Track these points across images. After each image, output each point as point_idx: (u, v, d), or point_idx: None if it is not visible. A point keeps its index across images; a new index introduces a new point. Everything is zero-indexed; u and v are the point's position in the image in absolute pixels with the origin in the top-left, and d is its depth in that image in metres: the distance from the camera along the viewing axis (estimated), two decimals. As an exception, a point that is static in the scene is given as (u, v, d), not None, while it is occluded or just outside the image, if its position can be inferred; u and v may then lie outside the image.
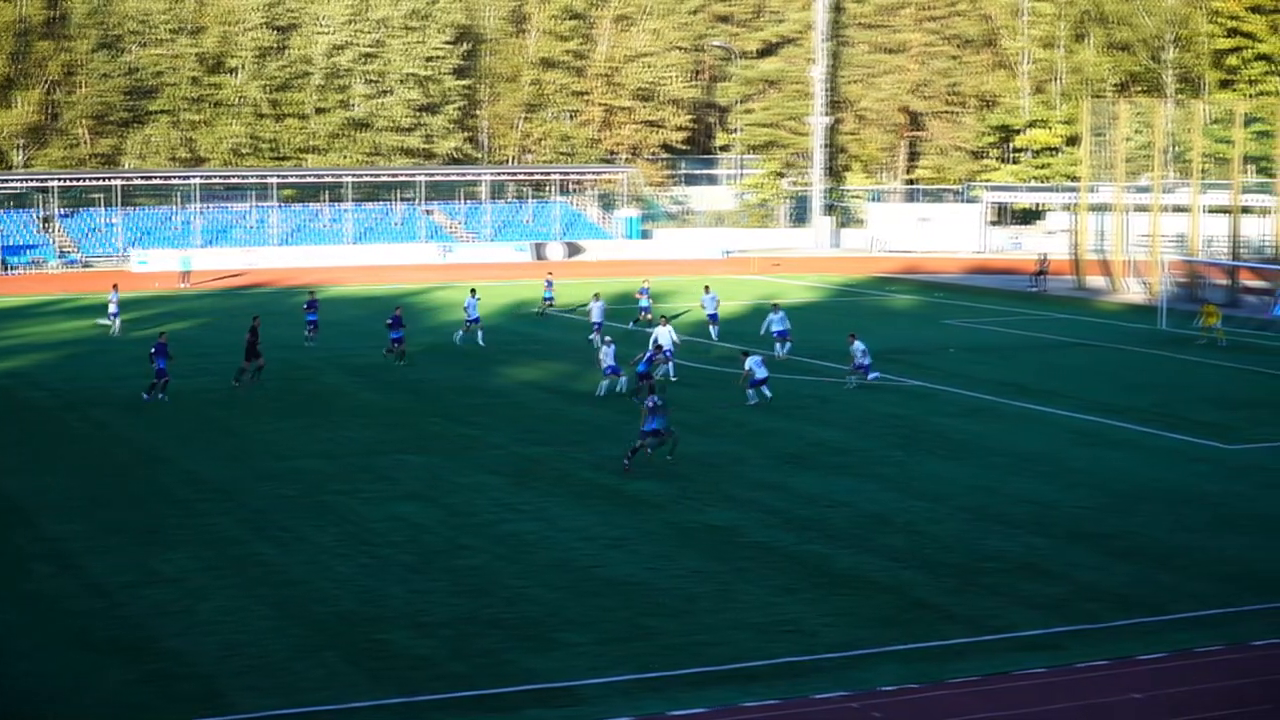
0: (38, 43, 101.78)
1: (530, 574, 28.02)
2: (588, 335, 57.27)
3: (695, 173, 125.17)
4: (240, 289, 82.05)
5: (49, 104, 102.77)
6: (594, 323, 57.41)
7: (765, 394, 44.82)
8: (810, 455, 38.66)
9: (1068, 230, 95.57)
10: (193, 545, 29.88)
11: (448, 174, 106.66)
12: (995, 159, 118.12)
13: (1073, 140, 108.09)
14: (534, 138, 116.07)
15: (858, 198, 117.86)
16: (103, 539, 30.42)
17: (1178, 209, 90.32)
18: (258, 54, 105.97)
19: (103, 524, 31.55)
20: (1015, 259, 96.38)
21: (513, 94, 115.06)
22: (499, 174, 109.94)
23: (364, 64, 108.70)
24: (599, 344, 54.52)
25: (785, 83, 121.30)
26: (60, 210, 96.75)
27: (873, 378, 48.32)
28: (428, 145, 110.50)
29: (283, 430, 41.91)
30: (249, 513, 32.63)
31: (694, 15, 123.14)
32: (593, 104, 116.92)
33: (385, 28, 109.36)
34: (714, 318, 59.64)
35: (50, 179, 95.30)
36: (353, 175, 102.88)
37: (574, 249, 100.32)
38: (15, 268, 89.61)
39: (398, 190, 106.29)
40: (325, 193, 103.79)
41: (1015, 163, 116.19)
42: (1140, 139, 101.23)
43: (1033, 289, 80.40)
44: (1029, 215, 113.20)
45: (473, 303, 58.20)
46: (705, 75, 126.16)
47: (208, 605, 26.10)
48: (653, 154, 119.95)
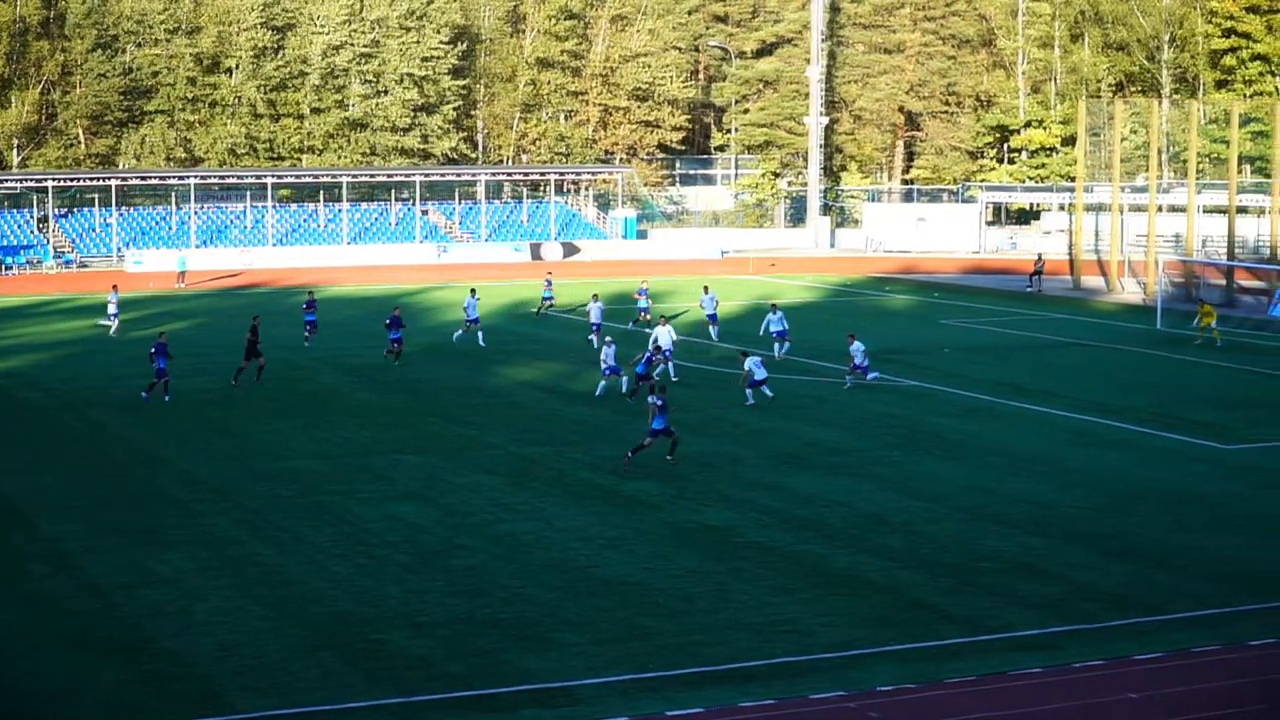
0: (34, 42, 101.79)
1: (527, 574, 28.01)
2: (587, 336, 57.23)
3: (692, 173, 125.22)
4: (236, 289, 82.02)
5: (45, 104, 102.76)
6: (593, 324, 57.38)
7: (766, 394, 44.82)
8: (807, 455, 38.65)
9: (1064, 230, 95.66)
10: (190, 545, 29.86)
11: (444, 174, 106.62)
12: (992, 159, 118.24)
13: (1069, 140, 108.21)
14: (530, 138, 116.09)
15: (854, 198, 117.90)
16: (100, 539, 30.40)
17: (1174, 209, 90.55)
18: (254, 54, 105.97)
19: (100, 524, 31.53)
20: (1012, 259, 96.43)
21: (509, 94, 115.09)
22: (495, 174, 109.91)
23: (361, 64, 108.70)
24: (597, 344, 54.57)
25: (782, 83, 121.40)
26: (56, 210, 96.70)
27: (872, 378, 48.31)
28: (424, 145, 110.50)
29: (280, 430, 41.89)
30: (246, 513, 32.61)
31: (691, 15, 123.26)
32: (589, 104, 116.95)
33: (382, 28, 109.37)
34: (713, 318, 59.62)
35: (46, 179, 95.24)
36: (349, 175, 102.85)
37: (570, 249, 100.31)
38: (11, 268, 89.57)
39: (394, 190, 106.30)
40: (322, 193, 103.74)
41: (1012, 163, 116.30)
42: (1137, 139, 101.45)
43: (1029, 289, 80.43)
44: (1026, 215, 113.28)
45: (472, 303, 58.16)
46: (702, 75, 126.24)
47: (205, 605, 26.08)
48: (649, 154, 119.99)
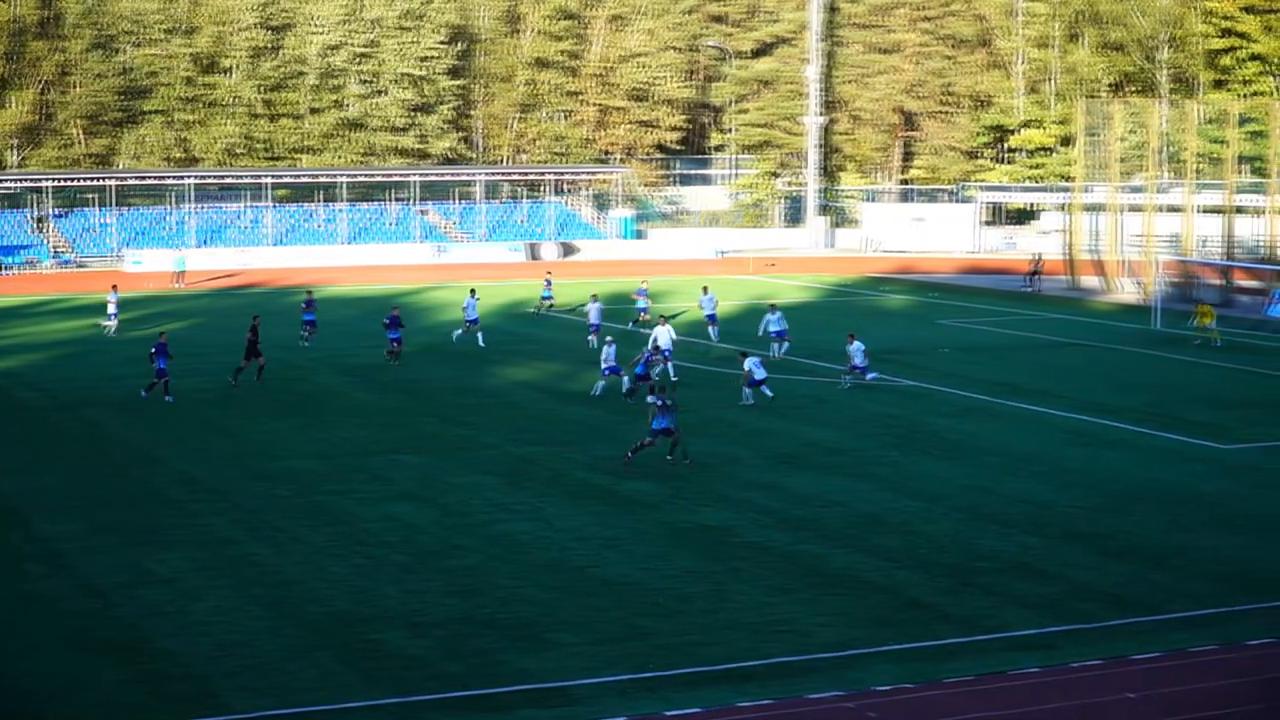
0: (32, 42, 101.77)
1: (524, 574, 28.00)
2: (585, 336, 57.18)
3: (689, 173, 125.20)
4: (234, 289, 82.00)
5: (43, 104, 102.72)
6: (591, 324, 57.35)
7: (766, 394, 44.83)
8: (805, 455, 38.65)
9: (1062, 230, 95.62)
10: (187, 545, 29.84)
11: (442, 174, 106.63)
12: (989, 159, 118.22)
13: (1067, 140, 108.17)
14: (528, 138, 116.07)
15: (852, 198, 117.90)
16: (97, 539, 30.38)
17: (1172, 209, 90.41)
18: (252, 54, 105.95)
19: (97, 524, 31.51)
20: (1009, 259, 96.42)
21: (507, 94, 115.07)
22: (493, 174, 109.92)
23: (358, 64, 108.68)
24: (596, 345, 54.56)
25: (779, 83, 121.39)
26: (54, 210, 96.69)
27: (871, 378, 48.31)
28: (422, 145, 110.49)
29: (277, 430, 41.87)
30: (243, 513, 32.60)
31: (688, 15, 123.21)
32: (587, 104, 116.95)
33: (379, 28, 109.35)
34: (713, 318, 59.59)
35: (44, 179, 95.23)
36: (347, 175, 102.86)
37: (568, 249, 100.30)
38: (9, 268, 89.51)
39: (392, 190, 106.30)
40: (319, 193, 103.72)
41: (1009, 163, 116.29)
42: (1134, 139, 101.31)
43: (1027, 289, 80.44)
44: (1023, 215, 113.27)
45: (472, 303, 58.13)
46: (700, 75, 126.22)
47: (202, 605, 26.06)
48: (647, 154, 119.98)
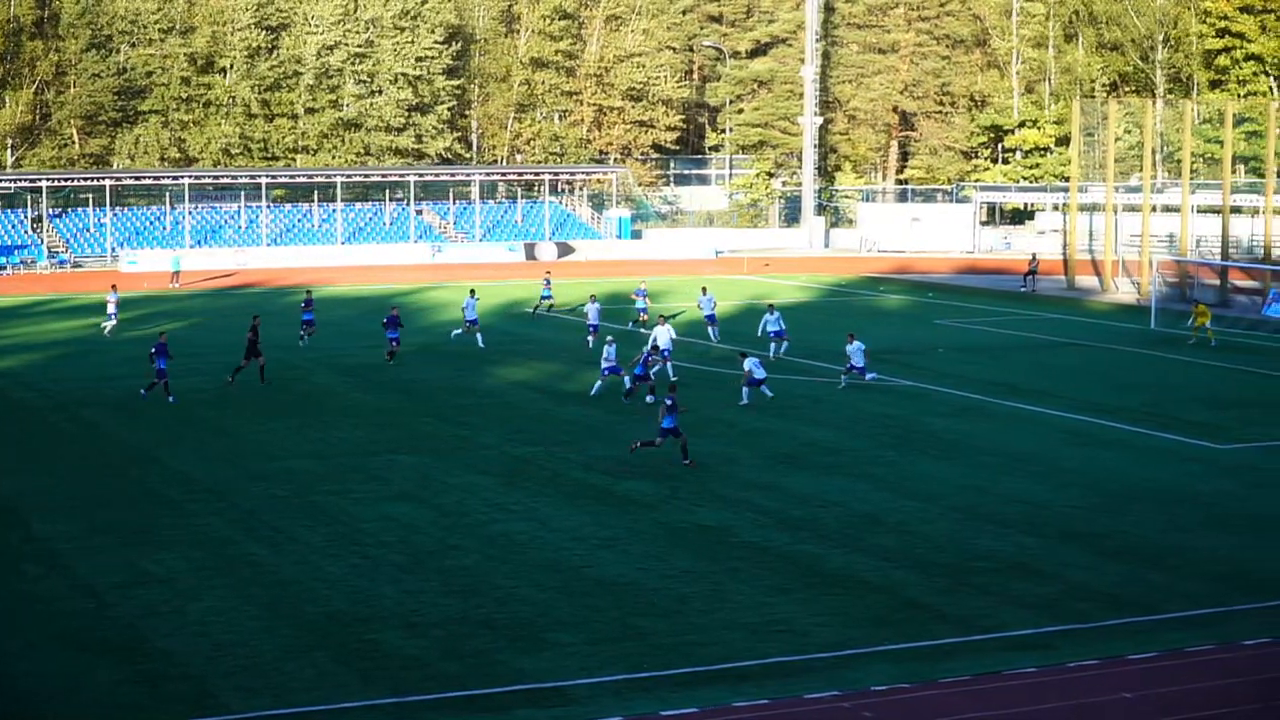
0: (28, 42, 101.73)
1: (521, 574, 28.00)
2: (584, 337, 57.14)
3: (686, 173, 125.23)
4: (231, 289, 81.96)
5: (39, 104, 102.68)
6: (590, 325, 57.31)
7: (765, 394, 44.87)
8: (802, 455, 38.66)
9: (1058, 230, 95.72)
10: (184, 546, 29.83)
11: (438, 174, 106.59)
12: (986, 159, 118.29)
13: (1063, 140, 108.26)
14: (525, 138, 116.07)
15: (849, 198, 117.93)
16: (94, 539, 30.37)
17: (1168, 209, 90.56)
18: (248, 54, 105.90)
19: (93, 524, 31.50)
20: (1006, 259, 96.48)
21: (503, 94, 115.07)
22: (490, 174, 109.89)
23: (354, 64, 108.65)
24: (594, 345, 54.59)
25: (776, 83, 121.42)
26: (50, 210, 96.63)
27: (870, 378, 48.32)
28: (418, 145, 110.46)
29: (274, 430, 41.86)
30: (240, 513, 32.59)
31: (685, 15, 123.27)
32: (583, 104, 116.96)
33: (376, 28, 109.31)
34: (712, 319, 59.53)
35: (40, 179, 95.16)
36: (343, 175, 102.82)
37: (565, 249, 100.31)
38: (5, 268, 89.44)
39: (388, 190, 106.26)
40: (316, 193, 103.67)
41: (1006, 163, 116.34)
42: (1131, 139, 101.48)
43: (1024, 289, 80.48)
44: (1020, 215, 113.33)
45: (471, 303, 58.02)
46: (696, 75, 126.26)
47: (198, 606, 26.06)
48: (644, 154, 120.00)
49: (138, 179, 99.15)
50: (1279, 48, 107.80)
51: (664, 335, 50.37)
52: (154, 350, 45.89)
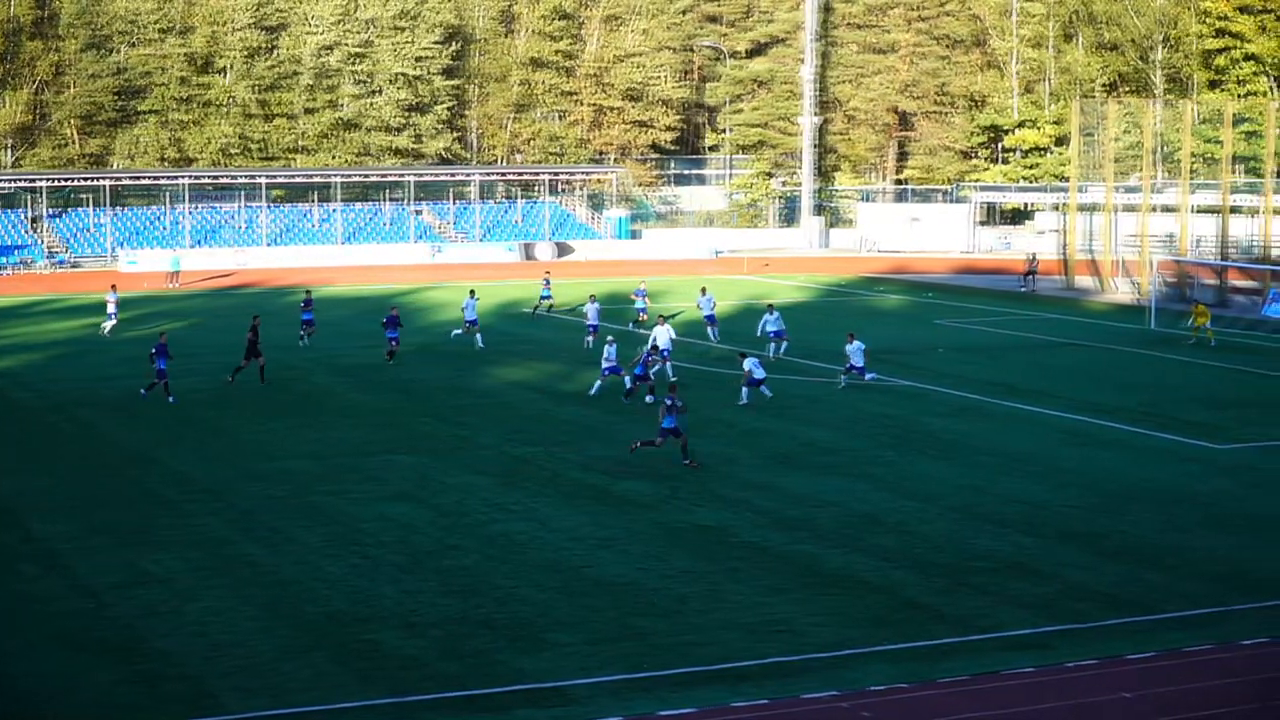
0: (27, 42, 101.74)
1: (520, 574, 28.00)
2: (584, 338, 57.11)
3: (684, 173, 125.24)
4: (229, 289, 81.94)
5: (38, 104, 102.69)
6: (589, 325, 57.28)
7: (764, 394, 44.90)
8: (800, 455, 38.66)
9: (1057, 230, 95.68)
10: (182, 546, 29.82)
11: (437, 174, 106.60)
12: (984, 159, 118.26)
13: (1062, 140, 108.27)
14: (523, 138, 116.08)
15: (847, 198, 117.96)
16: (92, 539, 30.36)
17: (1166, 209, 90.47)
18: (246, 54, 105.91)
19: (92, 524, 31.49)
20: (1004, 259, 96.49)
21: (502, 94, 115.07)
22: (488, 174, 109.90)
23: (353, 64, 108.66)
24: (593, 345, 54.60)
25: (774, 83, 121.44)
26: (49, 210, 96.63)
27: (869, 378, 48.31)
28: (417, 145, 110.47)
29: (272, 430, 41.85)
30: (238, 513, 32.58)
31: (683, 15, 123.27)
32: (582, 104, 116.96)
33: (374, 28, 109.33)
34: (711, 319, 59.48)
35: (39, 179, 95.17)
36: (342, 175, 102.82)
37: (563, 249, 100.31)
38: (4, 268, 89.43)
39: (387, 190, 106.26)
40: (314, 193, 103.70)
41: (1004, 163, 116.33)
42: (1129, 139, 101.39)
43: (1022, 289, 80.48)
44: (1018, 215, 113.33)
45: (471, 304, 57.90)
46: (694, 75, 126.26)
47: (196, 606, 26.05)
48: (642, 154, 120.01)
49: (136, 179, 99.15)
50: (1278, 48, 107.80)
51: (663, 335, 50.38)
52: (154, 350, 45.87)
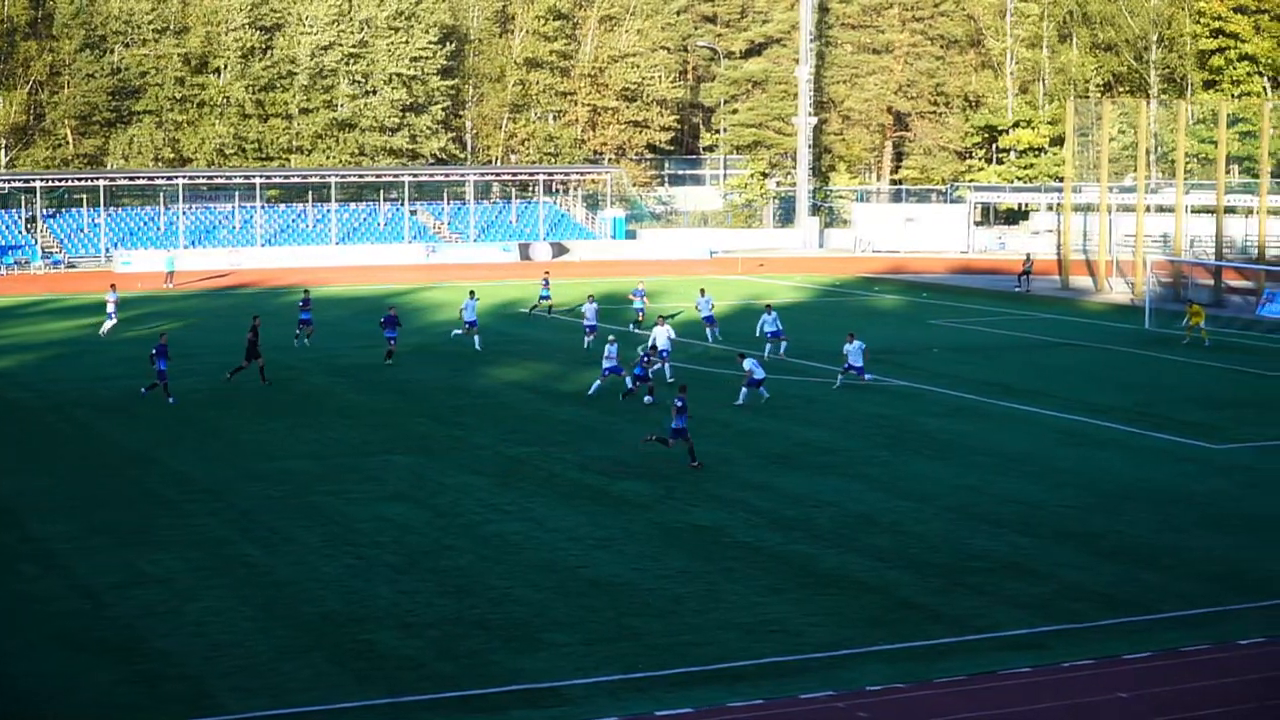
0: (22, 43, 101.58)
1: (516, 574, 28.03)
2: (581, 337, 57.10)
3: (681, 173, 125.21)
4: (225, 289, 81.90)
5: (33, 104, 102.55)
6: (587, 325, 57.26)
7: (762, 394, 44.93)
8: (796, 455, 38.70)
9: (1053, 230, 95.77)
10: (180, 546, 29.85)
11: (433, 174, 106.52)
12: (980, 159, 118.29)
13: (1057, 140, 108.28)
14: (519, 138, 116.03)
15: (843, 198, 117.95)
16: (90, 539, 30.37)
17: (1162, 209, 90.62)
18: (242, 54, 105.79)
19: (91, 524, 31.50)
20: (1000, 259, 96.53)
21: (498, 94, 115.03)
22: (484, 174, 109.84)
23: (349, 64, 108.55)
24: (591, 345, 54.62)
25: (770, 83, 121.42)
26: (45, 211, 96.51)
27: (868, 379, 48.33)
28: (413, 145, 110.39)
29: (270, 431, 41.86)
30: (236, 513, 32.60)
31: (679, 16, 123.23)
32: (578, 104, 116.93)
33: (370, 28, 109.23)
34: (710, 320, 59.41)
35: (34, 179, 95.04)
36: (338, 176, 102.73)
37: (560, 249, 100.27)
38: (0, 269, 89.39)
39: (383, 190, 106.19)
40: (310, 193, 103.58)
41: (1000, 163, 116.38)
42: (1125, 139, 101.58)
43: (1018, 289, 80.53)
44: (1014, 215, 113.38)
45: (470, 305, 57.64)
46: (691, 75, 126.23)
47: (195, 606, 26.08)
48: (638, 154, 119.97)
49: (132, 179, 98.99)
50: (1273, 48, 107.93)
51: (662, 336, 50.38)
52: (154, 351, 45.81)
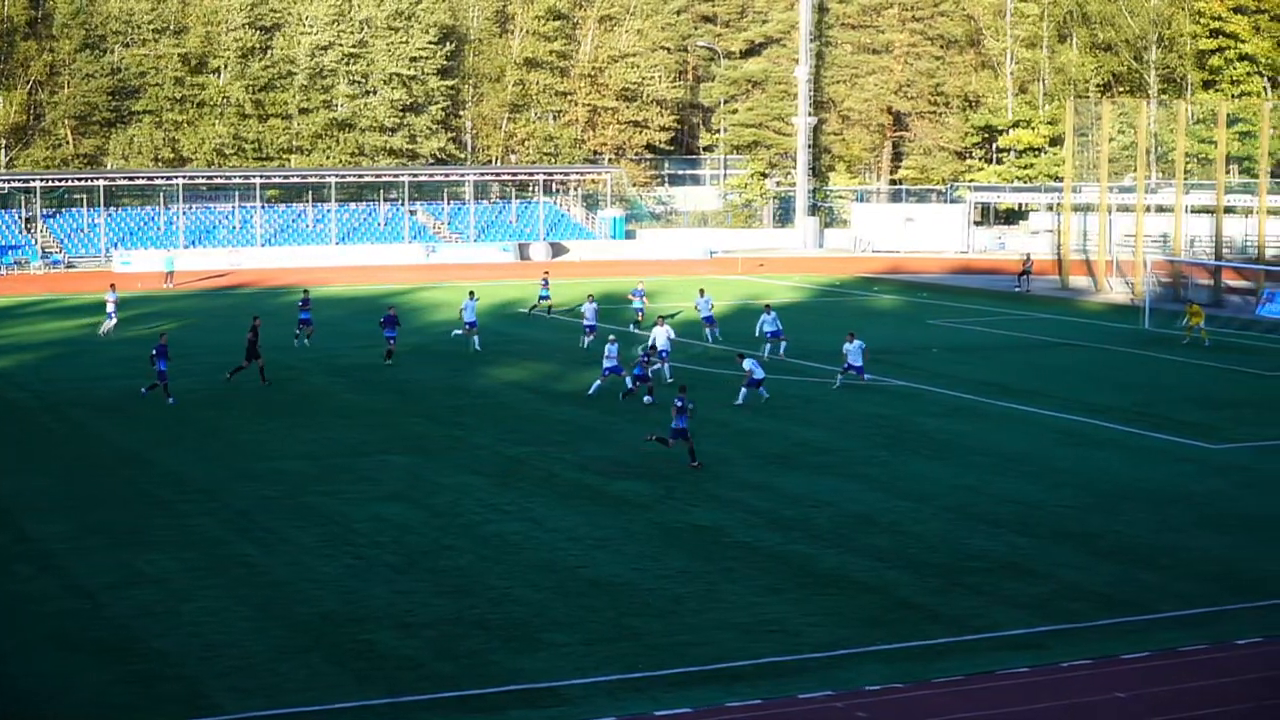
0: (21, 43, 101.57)
1: (515, 574, 28.01)
2: (579, 337, 57.06)
3: (680, 173, 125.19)
4: (224, 289, 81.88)
5: (32, 104, 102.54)
6: (585, 325, 57.21)
7: (762, 394, 44.92)
8: (795, 455, 38.68)
9: (1051, 230, 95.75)
10: (176, 546, 29.82)
11: (432, 174, 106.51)
12: (979, 159, 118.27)
13: (1056, 140, 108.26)
14: (518, 138, 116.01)
15: (842, 198, 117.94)
16: (86, 540, 30.34)
17: (1161, 209, 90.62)
18: (241, 54, 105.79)
19: (86, 525, 31.47)
20: (999, 259, 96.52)
21: (497, 94, 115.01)
22: (483, 174, 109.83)
23: (348, 64, 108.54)
24: (589, 345, 54.60)
25: (769, 83, 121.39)
26: (44, 211, 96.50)
27: (867, 379, 48.30)
28: (412, 145, 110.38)
29: (267, 431, 41.83)
30: (232, 513, 32.57)
31: (678, 15, 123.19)
32: (577, 104, 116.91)
33: (369, 28, 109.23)
34: (710, 320, 59.34)
35: (33, 179, 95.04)
36: (336, 175, 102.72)
37: (558, 249, 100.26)
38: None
39: (382, 190, 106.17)
40: (309, 193, 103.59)
41: (999, 163, 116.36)
42: (1124, 139, 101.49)
43: (1017, 289, 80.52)
44: (1013, 215, 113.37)
45: (470, 305, 57.43)
46: (690, 75, 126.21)
47: (191, 606, 26.05)
48: (637, 154, 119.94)
49: (131, 179, 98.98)
50: (1272, 48, 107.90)
51: (662, 336, 50.34)
52: (155, 352, 45.75)
